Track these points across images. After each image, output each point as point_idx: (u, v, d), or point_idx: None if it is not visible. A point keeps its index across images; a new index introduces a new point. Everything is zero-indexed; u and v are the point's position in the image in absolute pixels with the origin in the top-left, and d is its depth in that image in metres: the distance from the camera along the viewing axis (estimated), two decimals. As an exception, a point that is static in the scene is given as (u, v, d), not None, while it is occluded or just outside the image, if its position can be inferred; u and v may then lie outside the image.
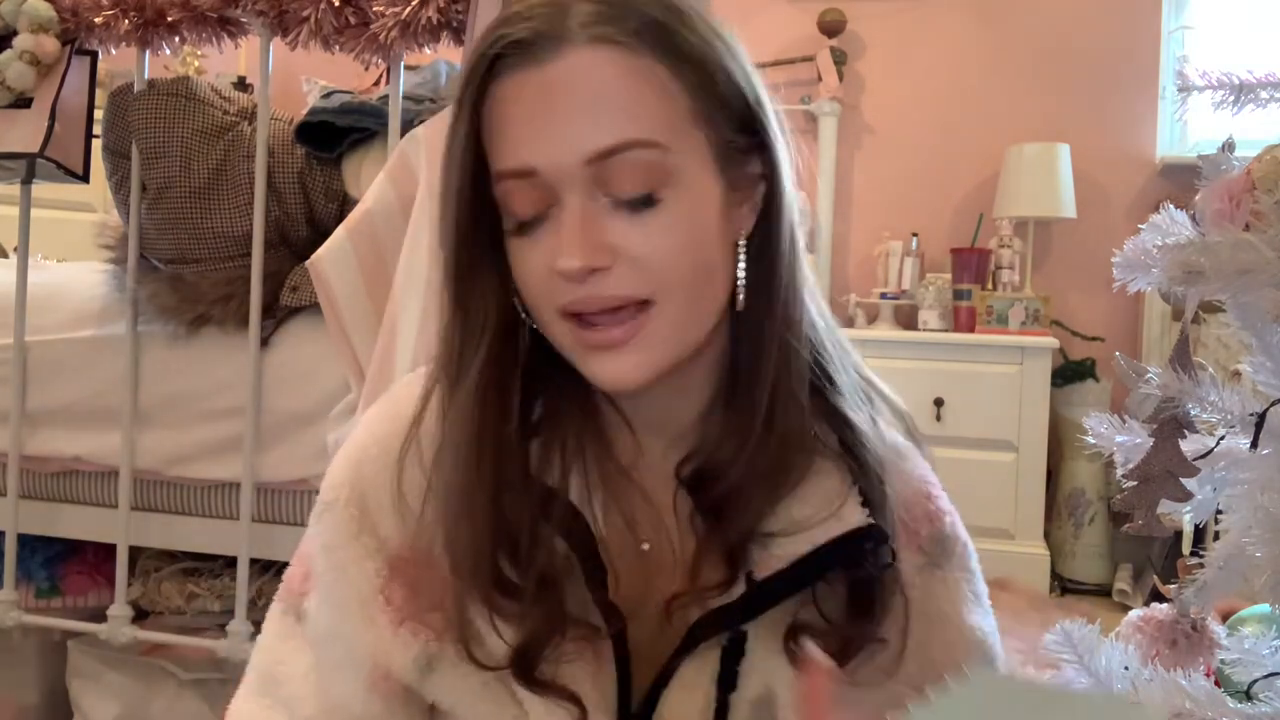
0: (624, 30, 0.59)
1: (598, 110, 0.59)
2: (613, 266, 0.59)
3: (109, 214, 2.53)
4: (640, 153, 0.59)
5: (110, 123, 1.46)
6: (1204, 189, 0.68)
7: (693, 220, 0.60)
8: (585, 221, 0.59)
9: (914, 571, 0.68)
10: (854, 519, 0.64)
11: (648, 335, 0.61)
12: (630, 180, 0.59)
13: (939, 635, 0.68)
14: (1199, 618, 0.75)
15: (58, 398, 1.49)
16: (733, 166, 0.63)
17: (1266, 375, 0.67)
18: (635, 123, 0.59)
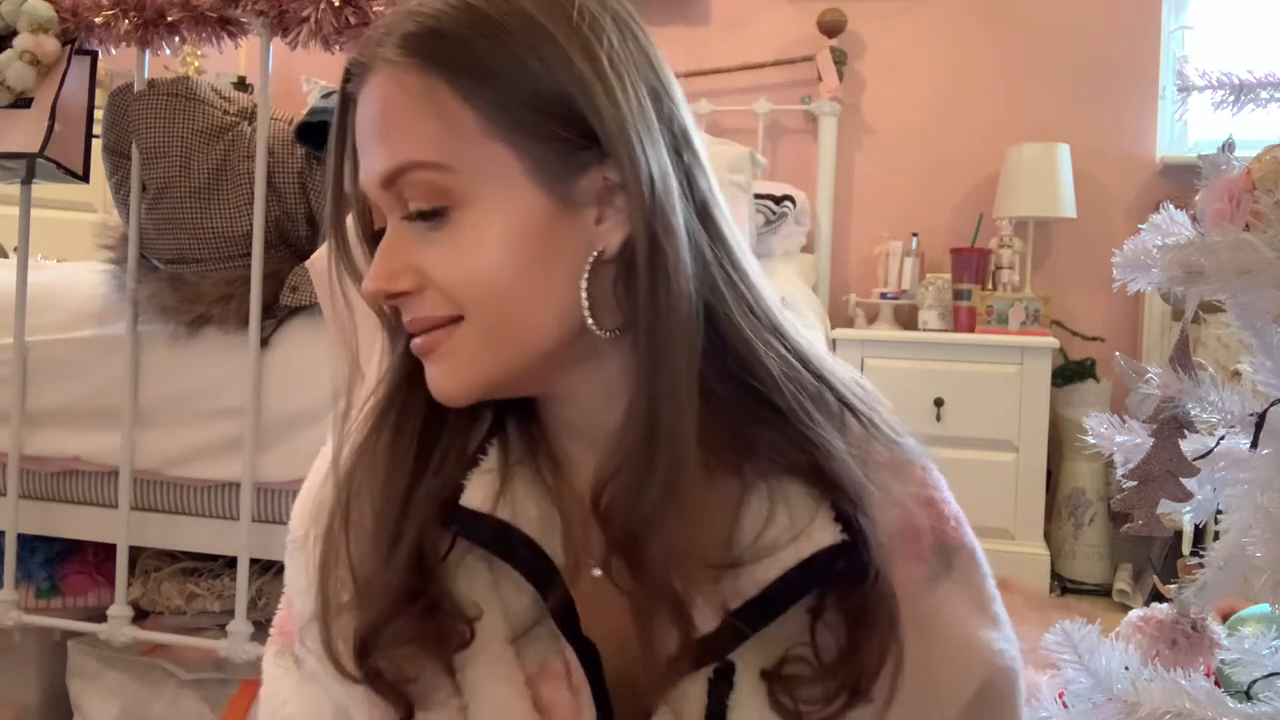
0: (408, 50, 0.57)
1: (382, 134, 0.58)
2: (422, 289, 0.59)
3: (109, 214, 2.53)
4: (420, 174, 0.57)
5: (110, 123, 1.46)
6: (1204, 189, 0.68)
7: (493, 242, 0.57)
8: (392, 245, 0.59)
9: (916, 584, 0.64)
10: (824, 538, 0.60)
11: (454, 349, 0.59)
12: (416, 202, 0.58)
13: (942, 656, 0.64)
14: (1199, 618, 0.75)
15: (58, 398, 1.49)
16: (564, 178, 0.58)
17: (1266, 375, 0.67)
18: (414, 144, 0.57)
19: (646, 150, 0.57)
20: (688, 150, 0.61)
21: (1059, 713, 0.74)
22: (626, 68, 0.58)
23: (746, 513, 0.62)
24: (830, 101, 3.24)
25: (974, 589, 0.67)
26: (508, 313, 0.58)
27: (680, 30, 3.44)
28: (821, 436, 0.61)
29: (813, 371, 0.63)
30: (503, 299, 0.58)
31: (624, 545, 0.59)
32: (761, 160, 3.09)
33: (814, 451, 0.61)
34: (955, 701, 0.64)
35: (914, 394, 2.91)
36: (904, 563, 0.64)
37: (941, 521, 0.67)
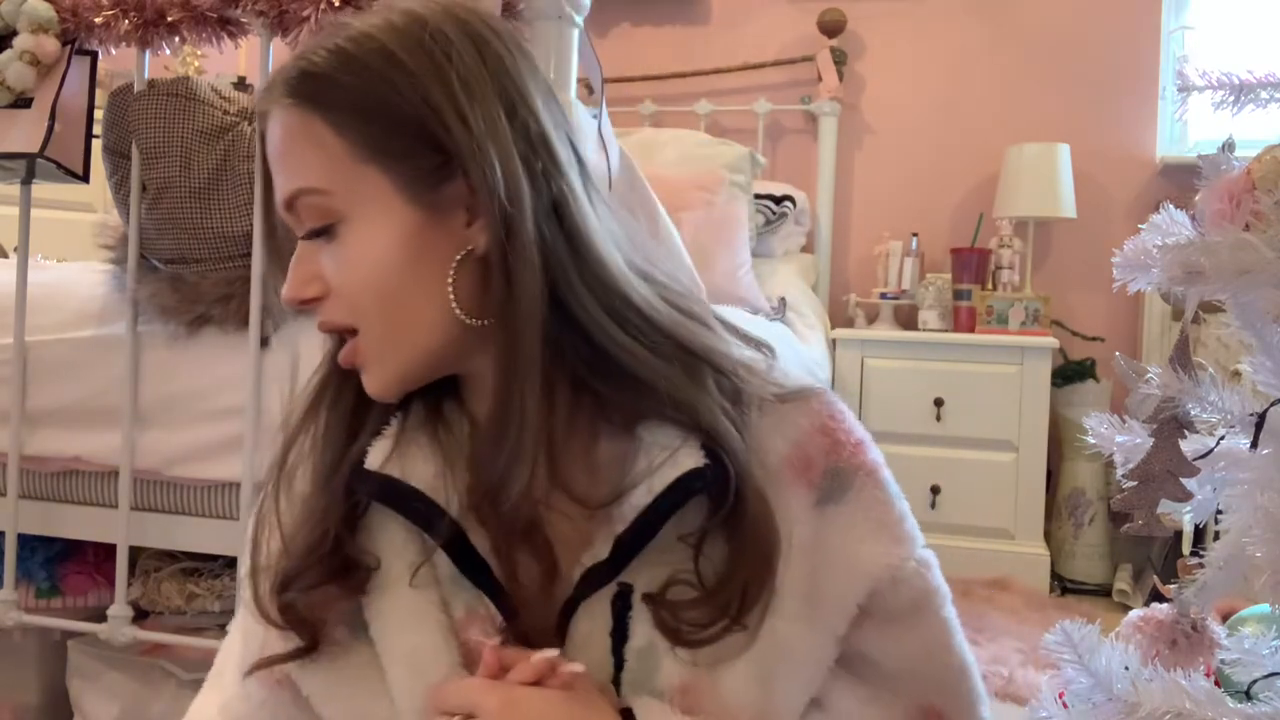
0: (289, 91, 0.67)
1: (278, 167, 0.69)
2: (325, 298, 0.68)
3: (109, 214, 2.53)
4: (307, 198, 0.67)
5: (110, 123, 1.46)
6: (1204, 189, 0.68)
7: (373, 252, 0.66)
8: (299, 258, 0.69)
9: (804, 509, 0.69)
10: (689, 463, 0.66)
11: (363, 355, 0.69)
12: (309, 221, 0.68)
13: (828, 572, 0.69)
14: (1199, 618, 0.75)
15: (58, 398, 1.49)
16: (430, 191, 0.66)
17: (1266, 375, 0.67)
18: (300, 173, 0.67)
19: (495, 161, 0.64)
20: (544, 154, 0.67)
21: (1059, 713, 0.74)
22: (480, 85, 0.65)
23: (635, 460, 0.69)
24: (830, 101, 3.24)
25: (872, 507, 0.71)
26: (394, 316, 0.67)
27: (680, 30, 3.44)
28: (686, 395, 0.67)
29: (674, 341, 0.69)
30: (388, 304, 0.67)
31: (484, 497, 0.68)
32: (761, 160, 3.09)
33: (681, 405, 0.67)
34: (843, 611, 0.69)
35: (914, 394, 2.91)
36: (792, 489, 0.69)
37: (837, 448, 0.71)
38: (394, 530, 0.71)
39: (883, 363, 2.97)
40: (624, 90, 3.32)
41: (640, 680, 0.68)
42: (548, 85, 0.71)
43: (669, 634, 0.67)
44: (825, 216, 3.28)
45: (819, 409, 0.72)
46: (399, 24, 0.66)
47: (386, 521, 0.71)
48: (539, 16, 1.24)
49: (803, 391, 0.73)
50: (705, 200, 2.80)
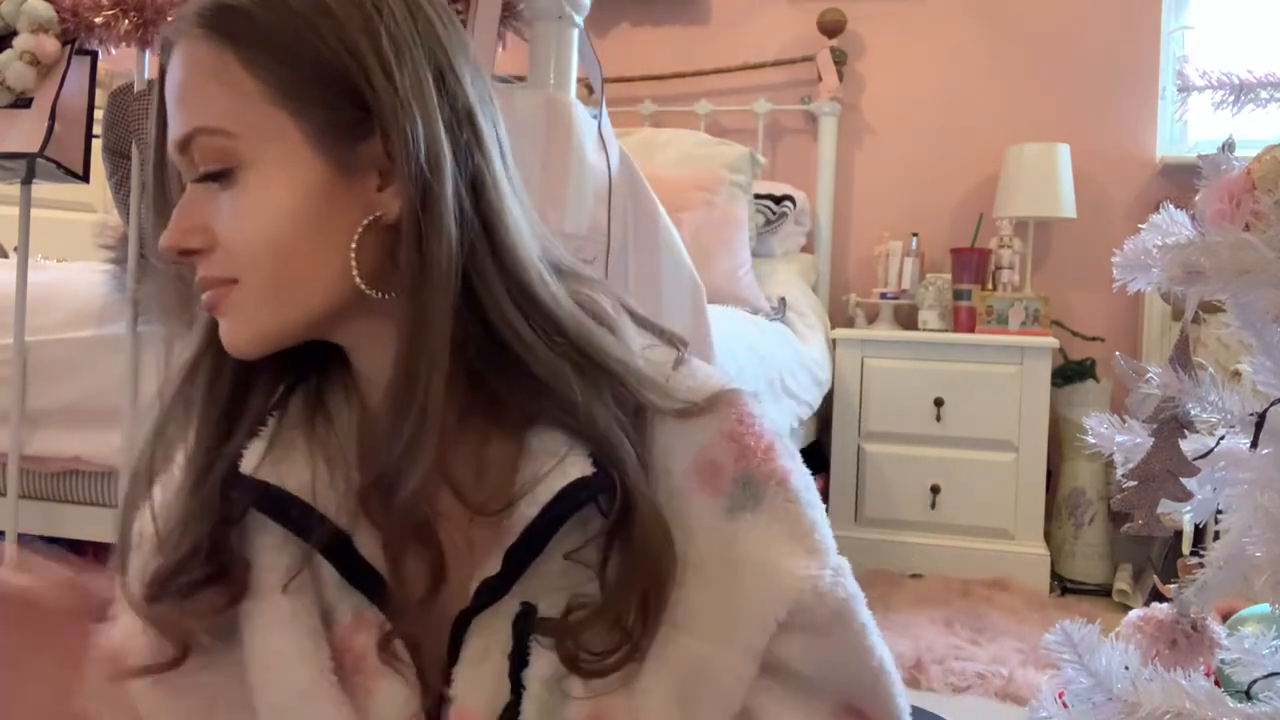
0: (202, 23, 0.62)
1: (178, 101, 0.63)
2: (212, 249, 0.63)
3: (109, 214, 2.53)
4: (207, 139, 0.62)
5: (110, 123, 1.46)
6: (1204, 189, 0.68)
7: (273, 203, 0.62)
8: (186, 205, 0.64)
9: (713, 517, 0.66)
10: (575, 472, 0.63)
11: (232, 308, 0.64)
12: (203, 164, 0.63)
13: (745, 585, 0.65)
14: (1199, 618, 0.75)
15: (58, 398, 1.49)
16: (343, 146, 0.62)
17: (1266, 375, 0.67)
18: (202, 111, 0.62)
19: (419, 126, 0.61)
20: (468, 128, 0.64)
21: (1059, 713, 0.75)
22: (409, 46, 0.62)
23: (524, 467, 0.66)
24: (830, 101, 3.24)
25: (784, 517, 0.67)
26: (284, 271, 0.62)
27: (680, 30, 3.44)
28: (574, 398, 0.64)
29: (575, 344, 0.66)
30: (280, 258, 0.62)
31: (375, 490, 0.64)
32: (761, 160, 3.09)
33: (572, 411, 0.64)
34: (761, 627, 0.64)
35: (914, 394, 2.91)
36: (699, 498, 0.66)
37: (746, 454, 0.67)
38: (269, 534, 0.68)
39: (883, 363, 2.97)
40: (624, 90, 3.32)
41: (548, 710, 0.64)
42: (476, 63, 0.68)
43: (568, 662, 0.63)
44: (825, 216, 3.28)
45: (727, 413, 0.68)
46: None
47: (262, 525, 0.68)
48: (539, 16, 1.24)
49: (710, 400, 0.68)
50: (705, 200, 2.80)
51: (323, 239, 0.62)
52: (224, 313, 0.64)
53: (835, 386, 2.93)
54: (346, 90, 0.61)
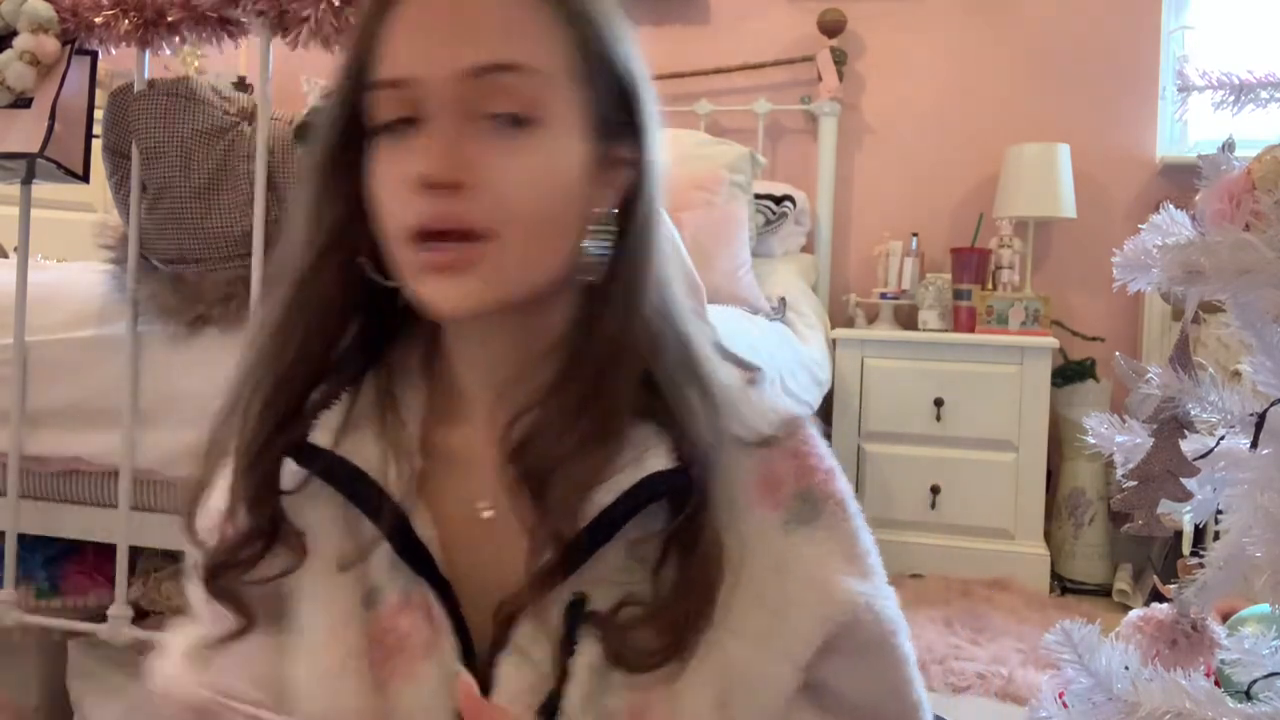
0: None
1: (478, 29, 0.61)
2: (469, 188, 0.60)
3: (109, 214, 2.53)
4: (513, 76, 0.61)
5: (110, 123, 1.46)
6: (1204, 189, 0.69)
7: (551, 163, 0.63)
8: (451, 137, 0.61)
9: (771, 529, 0.67)
10: (657, 465, 0.64)
11: (482, 269, 0.62)
12: (500, 102, 0.61)
13: (795, 598, 0.66)
14: (1199, 618, 0.75)
15: (58, 398, 1.49)
16: (603, 140, 0.65)
17: (1266, 375, 0.67)
18: (514, 47, 0.61)
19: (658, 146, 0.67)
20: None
21: (1059, 713, 0.75)
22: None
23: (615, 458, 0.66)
24: (830, 101, 3.24)
25: (839, 536, 0.69)
26: (541, 240, 0.63)
27: (680, 30, 3.44)
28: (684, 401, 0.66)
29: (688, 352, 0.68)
30: (540, 226, 0.63)
31: (531, 482, 0.64)
32: (761, 160, 3.09)
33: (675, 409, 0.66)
34: (807, 640, 0.66)
35: (914, 394, 2.91)
36: (759, 510, 0.67)
37: (808, 473, 0.69)
38: (325, 508, 0.68)
39: (883, 363, 2.97)
40: (624, 90, 3.32)
41: (592, 698, 0.63)
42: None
43: (613, 657, 0.63)
44: (825, 216, 3.28)
45: (792, 433, 0.71)
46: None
47: (316, 499, 0.68)
48: (539, 16, 1.24)
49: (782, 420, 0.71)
50: (705, 200, 2.80)
51: (568, 220, 0.64)
52: (465, 270, 0.62)
53: (835, 386, 2.93)
54: (624, 96, 0.66)
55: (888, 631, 0.68)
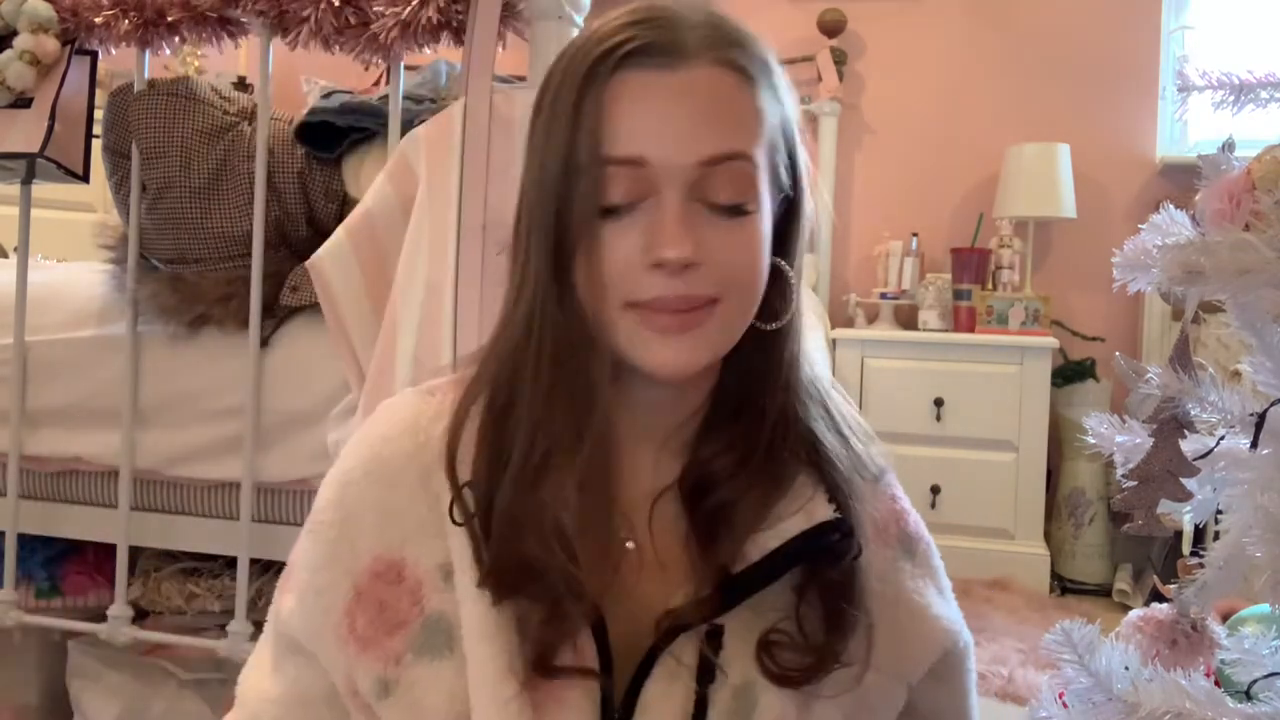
0: (744, 57, 0.67)
1: (717, 119, 0.65)
2: (699, 265, 0.64)
3: (109, 214, 2.53)
4: (743, 164, 0.65)
5: (110, 123, 1.46)
6: (1204, 189, 0.68)
7: (761, 234, 0.67)
8: (686, 220, 0.64)
9: (887, 566, 0.74)
10: (821, 514, 0.68)
11: (707, 328, 0.66)
12: (728, 189, 0.65)
13: (909, 626, 0.74)
14: (1199, 618, 0.75)
15: (58, 398, 1.49)
16: (773, 199, 0.70)
17: (1266, 375, 0.67)
18: (742, 137, 0.66)
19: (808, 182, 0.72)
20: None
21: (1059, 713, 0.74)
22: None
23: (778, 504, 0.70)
24: (830, 101, 3.24)
25: (933, 573, 0.78)
26: (753, 300, 0.68)
27: (680, 30, 3.44)
28: (827, 445, 0.72)
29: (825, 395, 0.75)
30: (755, 291, 0.68)
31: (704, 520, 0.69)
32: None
33: (822, 453, 0.71)
34: (922, 663, 0.75)
35: (914, 394, 2.91)
36: (876, 547, 0.74)
37: (903, 517, 0.78)
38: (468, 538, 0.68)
39: (883, 363, 2.97)
40: (624, 90, 3.32)
41: (735, 717, 0.67)
42: None
43: (775, 679, 0.67)
44: (825, 216, 3.28)
45: (888, 480, 0.78)
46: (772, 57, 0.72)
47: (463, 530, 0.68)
48: (539, 16, 1.24)
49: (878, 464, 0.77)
50: (705, 200, 2.80)
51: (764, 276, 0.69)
52: (697, 328, 0.66)
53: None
54: (789, 153, 0.70)
55: (966, 657, 0.79)
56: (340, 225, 1.27)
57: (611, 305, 0.65)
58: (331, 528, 0.71)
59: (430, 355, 1.15)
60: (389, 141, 1.32)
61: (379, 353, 1.21)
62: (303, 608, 0.72)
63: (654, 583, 0.69)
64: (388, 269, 1.24)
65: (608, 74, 0.64)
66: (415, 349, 1.16)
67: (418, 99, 1.48)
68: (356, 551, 0.70)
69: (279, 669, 0.75)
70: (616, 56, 0.64)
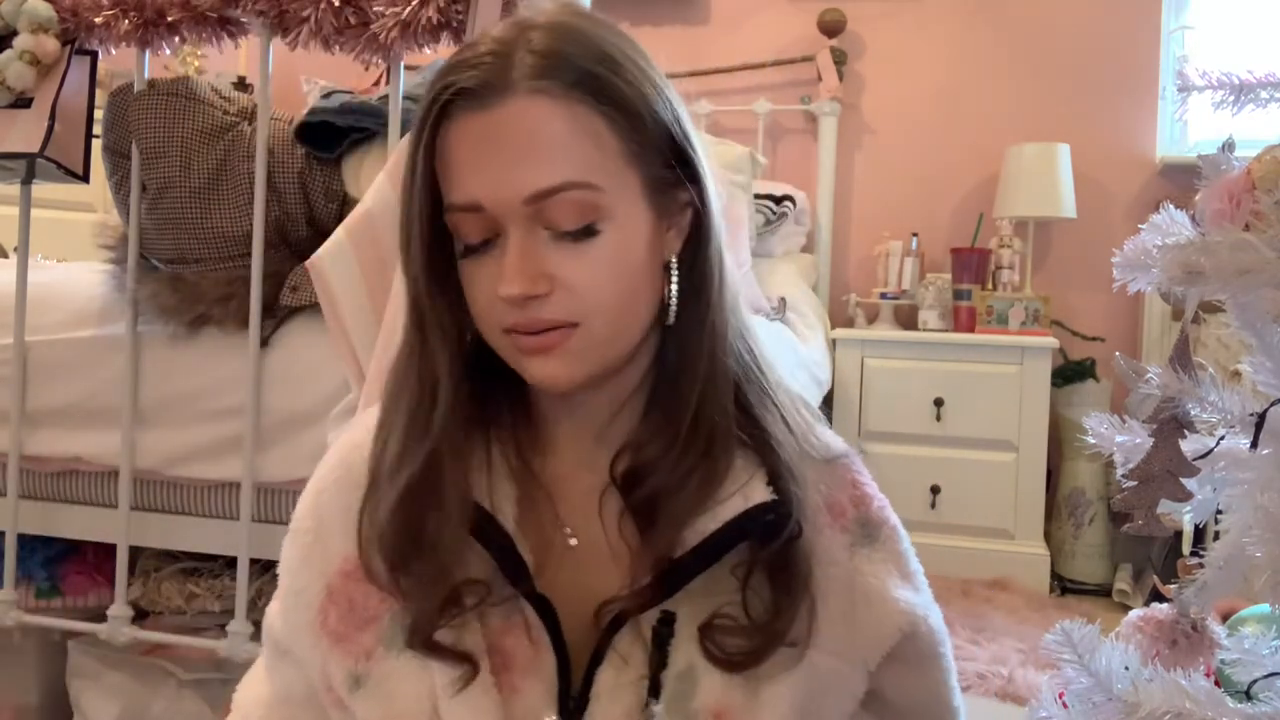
0: (562, 82, 0.65)
1: (537, 154, 0.64)
2: (550, 293, 0.65)
3: (109, 214, 2.53)
4: (576, 193, 0.65)
5: (110, 123, 1.46)
6: (1204, 189, 0.68)
7: (623, 251, 0.67)
8: (524, 253, 0.65)
9: (840, 549, 0.74)
10: (759, 496, 0.69)
11: (571, 347, 0.67)
12: (567, 217, 0.65)
13: (865, 609, 0.73)
14: (1199, 618, 0.75)
15: (58, 398, 1.49)
16: (662, 197, 0.69)
17: (1266, 375, 0.67)
18: (571, 165, 0.64)
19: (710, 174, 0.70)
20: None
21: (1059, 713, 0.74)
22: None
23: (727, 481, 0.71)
24: (830, 101, 3.24)
25: (894, 558, 0.76)
26: (624, 316, 0.68)
27: (680, 30, 3.44)
28: (768, 426, 0.72)
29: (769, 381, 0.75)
30: (620, 306, 0.67)
31: (638, 511, 0.70)
32: (761, 160, 3.09)
33: (762, 435, 0.72)
34: (878, 646, 0.73)
35: (914, 394, 2.91)
36: (829, 531, 0.74)
37: (864, 501, 0.77)
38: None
39: (883, 363, 2.97)
40: (624, 90, 3.32)
41: (678, 701, 0.68)
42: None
43: (717, 662, 0.68)
44: (825, 216, 3.28)
45: (847, 465, 0.78)
46: (625, 34, 0.70)
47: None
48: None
49: (837, 453, 0.78)
50: (705, 200, 2.80)
51: (647, 282, 0.69)
52: (558, 354, 0.67)
53: (835, 386, 2.93)
54: (671, 148, 0.69)
55: (937, 643, 0.76)
56: (340, 225, 1.27)
57: (492, 330, 0.69)
58: (308, 534, 0.76)
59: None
60: (389, 141, 1.32)
61: (379, 353, 1.21)
62: (284, 609, 0.77)
63: (603, 576, 0.71)
64: (388, 269, 1.24)
65: (435, 121, 0.67)
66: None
67: (418, 99, 1.48)
68: (329, 554, 0.74)
69: (271, 673, 0.80)
70: (440, 103, 0.66)
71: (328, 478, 0.76)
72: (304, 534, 0.76)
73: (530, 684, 0.69)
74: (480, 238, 0.67)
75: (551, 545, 0.73)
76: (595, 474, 0.73)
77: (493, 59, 0.65)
